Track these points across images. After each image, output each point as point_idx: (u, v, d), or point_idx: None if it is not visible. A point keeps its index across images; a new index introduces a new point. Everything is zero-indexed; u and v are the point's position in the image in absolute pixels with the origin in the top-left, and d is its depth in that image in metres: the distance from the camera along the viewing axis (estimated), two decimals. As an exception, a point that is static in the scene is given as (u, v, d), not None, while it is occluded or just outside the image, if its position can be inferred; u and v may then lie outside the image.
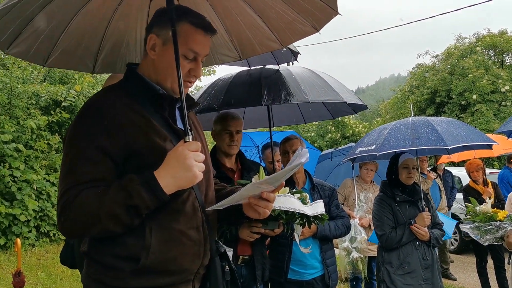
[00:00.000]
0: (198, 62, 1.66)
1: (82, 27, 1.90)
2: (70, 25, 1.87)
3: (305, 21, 1.99)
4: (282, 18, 1.99)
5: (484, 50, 20.68)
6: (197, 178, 1.47)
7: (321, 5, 1.89)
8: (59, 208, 1.47)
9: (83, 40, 1.97)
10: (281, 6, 1.93)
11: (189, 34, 1.61)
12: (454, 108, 19.09)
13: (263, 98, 2.75)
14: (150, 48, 1.63)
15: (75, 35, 1.92)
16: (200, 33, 1.63)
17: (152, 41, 1.63)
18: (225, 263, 1.73)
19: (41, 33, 1.83)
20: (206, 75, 13.67)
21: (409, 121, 3.62)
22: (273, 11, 1.97)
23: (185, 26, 1.61)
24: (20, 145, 7.43)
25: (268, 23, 2.05)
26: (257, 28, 2.08)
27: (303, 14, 1.96)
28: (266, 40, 2.15)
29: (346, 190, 5.31)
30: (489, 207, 3.79)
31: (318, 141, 20.95)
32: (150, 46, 1.63)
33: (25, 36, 1.81)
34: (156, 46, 1.63)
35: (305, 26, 2.02)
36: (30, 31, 1.79)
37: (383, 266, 3.53)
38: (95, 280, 1.56)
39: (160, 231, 1.52)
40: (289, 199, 2.52)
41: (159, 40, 1.62)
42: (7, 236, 7.25)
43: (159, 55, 1.63)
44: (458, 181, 8.99)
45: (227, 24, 2.08)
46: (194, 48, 1.62)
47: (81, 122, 1.54)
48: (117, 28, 1.99)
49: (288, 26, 2.05)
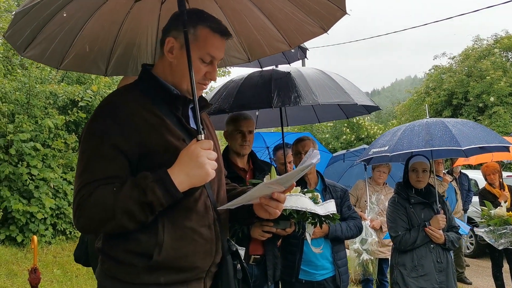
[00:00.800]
0: (214, 65, 1.69)
1: (95, 31, 1.94)
2: (83, 29, 1.90)
3: (313, 21, 2.00)
4: (291, 19, 2.00)
5: (502, 52, 20.32)
6: (210, 176, 1.49)
7: (329, 5, 1.89)
8: (75, 205, 1.51)
9: (96, 44, 2.00)
10: (289, 8, 1.94)
11: (208, 38, 1.64)
12: (471, 111, 18.81)
13: (273, 100, 2.76)
14: (168, 51, 1.66)
15: (89, 39, 1.96)
16: (217, 37, 1.66)
17: (170, 44, 1.65)
18: (237, 261, 1.74)
19: (56, 36, 1.87)
20: (221, 76, 13.74)
21: (424, 122, 3.58)
22: (281, 12, 1.97)
23: (203, 31, 1.64)
24: (38, 144, 7.55)
25: (277, 25, 2.06)
26: (265, 30, 2.09)
27: (311, 15, 1.96)
28: (274, 42, 2.16)
29: (358, 191, 5.28)
30: (504, 210, 3.74)
31: (332, 142, 20.82)
32: (168, 49, 1.66)
33: (40, 39, 1.85)
34: (174, 49, 1.65)
35: (313, 27, 2.03)
36: (46, 34, 1.83)
37: (396, 268, 3.51)
38: (109, 276, 1.59)
39: (173, 228, 1.55)
40: (301, 198, 2.52)
41: (177, 44, 1.65)
42: (24, 233, 7.37)
43: (177, 58, 1.65)
44: (474, 184, 8.87)
45: (236, 26, 2.09)
46: (212, 52, 1.65)
47: (97, 120, 1.58)
48: (128, 31, 2.02)
49: (296, 27, 2.05)
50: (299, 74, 3.04)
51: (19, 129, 7.35)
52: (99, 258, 1.64)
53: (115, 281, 1.57)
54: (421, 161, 3.52)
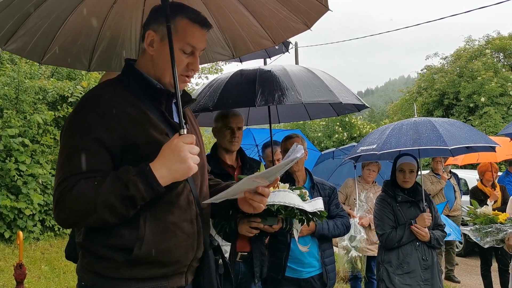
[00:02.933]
0: (196, 56, 1.69)
1: (78, 25, 1.91)
2: (66, 22, 1.88)
3: (297, 18, 2.01)
4: (275, 16, 2.01)
5: (494, 52, 20.51)
6: (192, 170, 1.49)
7: (312, 2, 1.91)
8: (56, 198, 1.49)
9: (78, 38, 1.98)
10: (273, 4, 1.95)
11: (186, 28, 1.64)
12: (462, 111, 18.97)
13: (257, 98, 2.76)
14: (149, 44, 1.66)
15: (71, 33, 1.94)
16: (196, 27, 1.66)
17: (150, 38, 1.65)
18: (218, 256, 1.75)
19: (38, 30, 1.84)
20: (213, 73, 13.72)
21: (412, 121, 3.60)
22: (265, 9, 1.98)
23: (182, 21, 1.64)
24: (26, 140, 7.51)
25: (261, 21, 2.07)
26: (250, 26, 2.09)
27: (295, 12, 1.97)
28: (258, 38, 2.17)
29: (347, 189, 5.30)
30: (490, 209, 3.76)
31: (325, 141, 20.87)
32: (148, 42, 1.66)
33: (22, 32, 1.82)
34: (154, 42, 1.65)
35: (297, 23, 2.04)
36: (28, 27, 1.81)
37: (382, 266, 3.53)
38: (89, 271, 1.58)
39: (155, 222, 1.54)
40: (289, 194, 2.52)
41: (157, 36, 1.65)
42: (12, 229, 7.33)
43: (158, 51, 1.65)
44: (464, 183, 8.95)
45: (220, 22, 2.09)
46: (191, 42, 1.65)
47: (80, 113, 1.56)
48: (112, 26, 2.01)
49: (280, 24, 2.06)
50: (285, 72, 3.03)
51: (8, 124, 7.30)
52: (79, 253, 1.63)
53: (95, 275, 1.56)
54: (409, 161, 3.53)
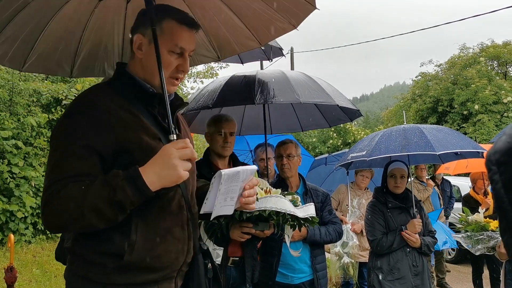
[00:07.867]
0: (185, 57, 1.68)
1: (59, 31, 1.90)
2: (46, 29, 1.86)
3: (283, 18, 1.98)
4: (260, 16, 1.98)
5: (488, 60, 20.69)
6: (182, 178, 1.47)
7: (299, 0, 1.88)
8: (43, 201, 1.47)
9: (60, 44, 1.96)
10: (258, 4, 1.93)
11: (174, 30, 1.64)
12: (456, 118, 19.08)
13: (256, 97, 2.80)
14: (137, 48, 1.66)
15: (52, 39, 1.92)
16: (184, 28, 1.66)
17: (138, 41, 1.65)
18: (207, 260, 1.75)
19: (17, 37, 1.82)
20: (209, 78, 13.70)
21: (401, 128, 3.65)
22: (250, 9, 1.96)
23: (169, 23, 1.64)
24: (19, 142, 7.47)
25: (246, 22, 2.05)
26: (235, 28, 2.07)
27: (281, 11, 1.95)
28: (244, 39, 2.15)
29: (340, 195, 5.32)
30: (481, 217, 3.79)
31: (319, 146, 20.93)
32: (137, 46, 1.66)
33: (1, 40, 1.80)
34: (142, 46, 1.65)
35: (283, 23, 2.01)
36: (7, 35, 1.78)
37: (373, 271, 3.54)
38: (79, 276, 1.57)
39: (146, 228, 1.54)
40: (280, 200, 2.52)
41: (145, 40, 1.65)
42: (3, 232, 7.27)
43: (146, 54, 1.65)
44: (457, 190, 8.99)
45: (205, 24, 2.07)
46: (180, 43, 1.64)
47: (70, 117, 1.55)
48: (94, 31, 1.99)
49: (265, 24, 2.04)
50: (283, 75, 3.10)
51: (1, 126, 7.26)
52: (68, 258, 1.62)
53: (84, 280, 1.55)
54: (400, 167, 3.56)
